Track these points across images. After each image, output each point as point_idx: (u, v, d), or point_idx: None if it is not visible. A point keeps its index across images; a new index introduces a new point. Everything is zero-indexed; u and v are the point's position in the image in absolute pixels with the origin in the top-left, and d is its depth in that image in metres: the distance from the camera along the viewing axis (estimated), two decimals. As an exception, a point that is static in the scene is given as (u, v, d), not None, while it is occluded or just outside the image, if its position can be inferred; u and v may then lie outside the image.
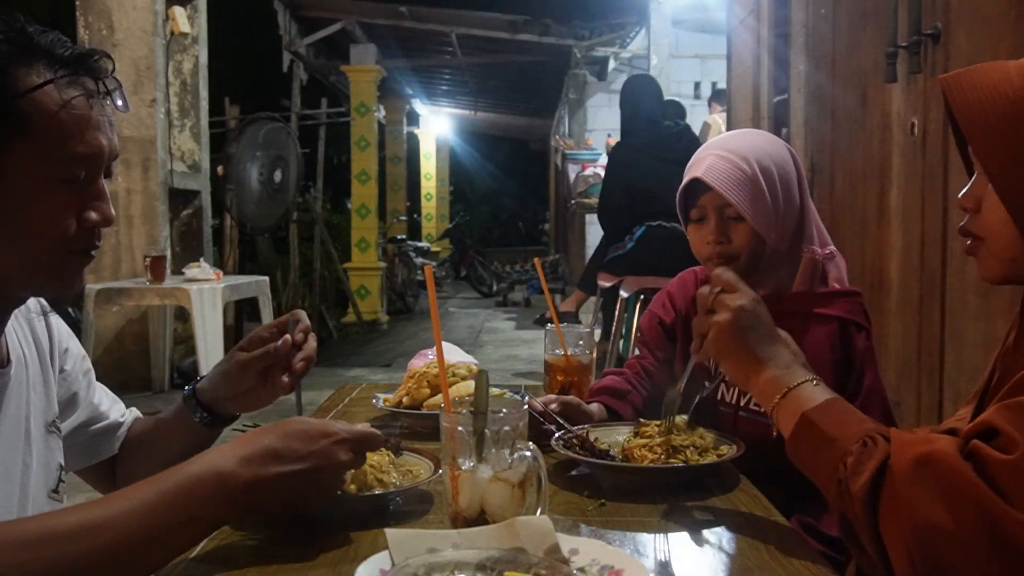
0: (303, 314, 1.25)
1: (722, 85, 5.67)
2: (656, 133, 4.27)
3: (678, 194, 1.49)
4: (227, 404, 1.25)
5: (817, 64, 3.15)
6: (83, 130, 0.94)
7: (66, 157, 0.93)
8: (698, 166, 1.44)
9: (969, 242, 0.96)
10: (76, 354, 1.21)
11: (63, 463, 1.13)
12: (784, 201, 1.43)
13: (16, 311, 1.05)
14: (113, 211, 1.00)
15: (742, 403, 1.44)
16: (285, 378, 1.20)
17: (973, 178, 0.95)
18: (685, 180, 1.47)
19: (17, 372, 1.04)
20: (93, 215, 0.97)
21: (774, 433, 1.04)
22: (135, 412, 1.32)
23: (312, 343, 1.23)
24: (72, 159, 0.93)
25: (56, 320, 1.17)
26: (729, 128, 4.56)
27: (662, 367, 1.55)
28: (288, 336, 1.21)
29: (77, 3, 5.33)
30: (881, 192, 2.50)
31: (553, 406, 1.36)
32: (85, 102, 0.94)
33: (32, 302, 1.12)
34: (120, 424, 1.27)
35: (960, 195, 0.96)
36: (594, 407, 1.45)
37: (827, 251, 1.48)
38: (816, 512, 1.31)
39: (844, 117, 2.88)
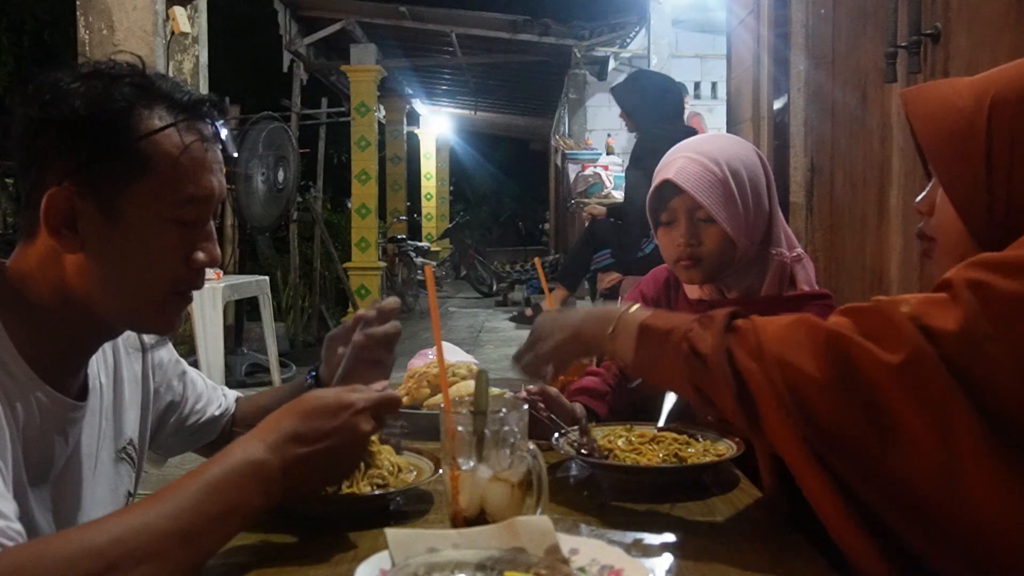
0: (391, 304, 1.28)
1: (722, 85, 5.66)
2: (679, 128, 4.28)
3: (648, 197, 1.49)
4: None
5: (817, 64, 3.14)
6: (198, 173, 0.97)
7: (181, 199, 0.96)
8: (668, 168, 1.44)
9: (924, 246, 1.03)
10: (168, 364, 1.24)
11: (132, 490, 1.15)
12: (754, 204, 1.44)
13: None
14: (219, 251, 1.03)
15: None
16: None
17: (930, 184, 1.03)
18: (656, 183, 1.46)
19: (92, 403, 1.06)
20: (200, 256, 1.00)
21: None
22: (233, 398, 1.36)
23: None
24: (187, 200, 0.96)
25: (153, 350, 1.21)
26: (728, 127, 4.56)
27: None
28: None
29: (77, 3, 5.33)
30: (881, 192, 2.50)
31: (532, 388, 1.37)
32: (201, 146, 0.97)
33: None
34: (218, 417, 1.32)
35: (917, 200, 1.04)
36: (576, 406, 1.45)
37: (795, 254, 1.48)
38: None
39: (844, 117, 2.88)
